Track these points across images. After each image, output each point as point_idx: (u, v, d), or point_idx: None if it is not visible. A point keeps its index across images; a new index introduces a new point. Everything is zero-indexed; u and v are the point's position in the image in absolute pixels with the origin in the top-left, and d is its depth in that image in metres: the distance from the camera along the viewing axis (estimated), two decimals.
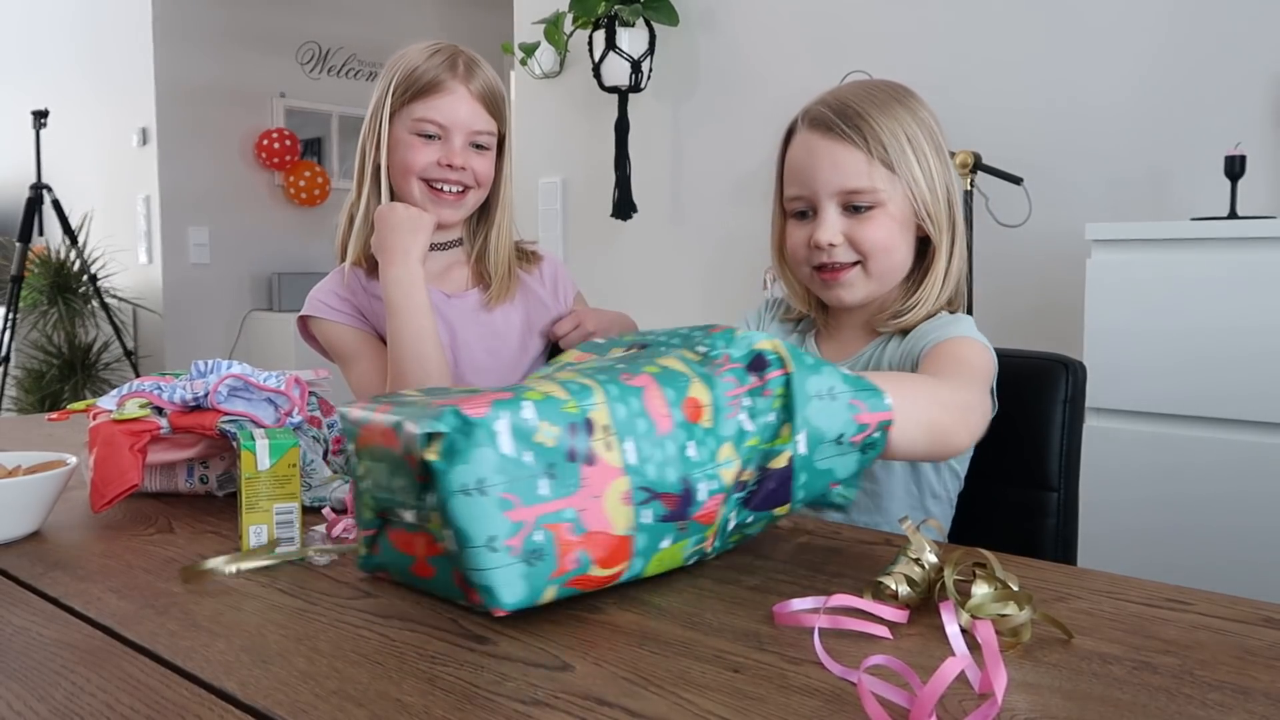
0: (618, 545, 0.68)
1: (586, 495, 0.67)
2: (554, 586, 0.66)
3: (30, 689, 0.57)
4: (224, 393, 0.98)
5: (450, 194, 1.32)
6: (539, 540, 0.65)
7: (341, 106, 4.89)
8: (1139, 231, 1.69)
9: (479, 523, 0.63)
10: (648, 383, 0.71)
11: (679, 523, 0.71)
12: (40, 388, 4.26)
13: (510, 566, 0.64)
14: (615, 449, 0.68)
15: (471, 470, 0.63)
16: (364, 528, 0.75)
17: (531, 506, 0.65)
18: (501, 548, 0.63)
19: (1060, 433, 1.13)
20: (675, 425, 0.71)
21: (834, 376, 0.77)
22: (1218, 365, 1.61)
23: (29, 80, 5.18)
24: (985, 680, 0.55)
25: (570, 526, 0.66)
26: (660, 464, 0.70)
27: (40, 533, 0.91)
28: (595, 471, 0.67)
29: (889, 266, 1.08)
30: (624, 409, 0.69)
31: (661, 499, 0.70)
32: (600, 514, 0.67)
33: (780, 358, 0.76)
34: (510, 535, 0.64)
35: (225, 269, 4.61)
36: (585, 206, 3.13)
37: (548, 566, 0.65)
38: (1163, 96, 2.08)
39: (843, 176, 1.05)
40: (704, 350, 0.77)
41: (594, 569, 0.67)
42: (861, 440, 0.77)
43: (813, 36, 2.62)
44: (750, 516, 0.77)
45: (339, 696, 0.55)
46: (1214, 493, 1.62)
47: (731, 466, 0.73)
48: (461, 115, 1.30)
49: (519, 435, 0.65)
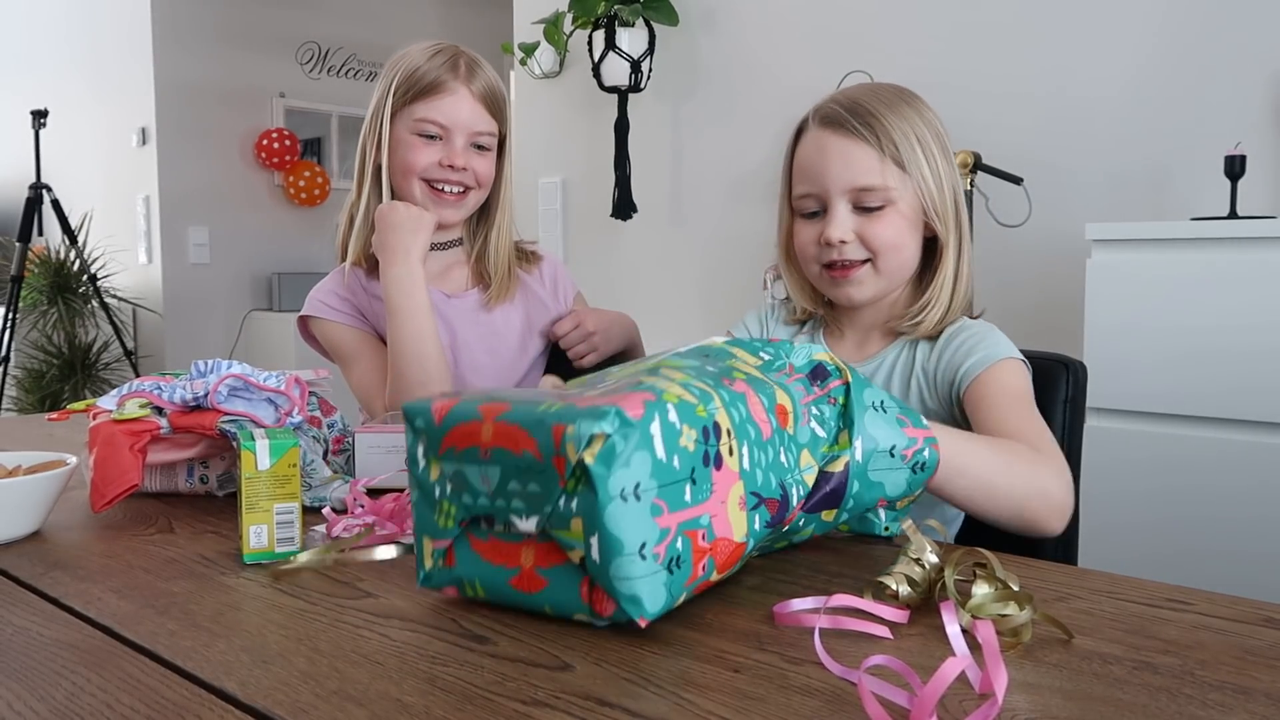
0: (735, 551, 0.68)
1: (716, 501, 0.66)
2: (685, 593, 0.65)
3: (30, 689, 0.57)
4: (224, 393, 0.98)
5: (451, 194, 1.32)
6: (679, 547, 0.64)
7: (341, 106, 4.89)
8: (1139, 231, 1.69)
9: (633, 529, 0.61)
10: (745, 389, 0.72)
11: (777, 529, 0.72)
12: (40, 388, 4.26)
13: (656, 575, 0.62)
14: (735, 454, 0.68)
15: (631, 474, 0.61)
16: (437, 538, 0.69)
17: (676, 513, 0.63)
18: (650, 555, 0.62)
19: (1060, 433, 1.13)
20: (773, 431, 0.72)
21: (880, 392, 0.80)
22: (1218, 365, 1.61)
23: (28, 80, 5.18)
24: (985, 680, 0.55)
25: (704, 533, 0.65)
26: (765, 469, 0.71)
27: (40, 533, 0.91)
28: (721, 476, 0.67)
29: (898, 265, 1.08)
30: (737, 414, 0.69)
31: (766, 504, 0.70)
32: (725, 520, 0.67)
33: (838, 367, 0.79)
34: (659, 542, 0.62)
35: (225, 269, 4.61)
36: (585, 206, 3.13)
37: (684, 574, 0.64)
38: (1163, 96, 2.08)
39: (855, 174, 1.05)
40: (767, 358, 0.79)
41: (715, 575, 0.67)
42: (912, 455, 0.79)
43: (813, 36, 2.62)
44: (802, 519, 0.77)
45: (339, 696, 0.55)
46: (1214, 492, 1.62)
47: (812, 473, 0.75)
48: (463, 116, 1.30)
49: (669, 439, 0.63)
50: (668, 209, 2.96)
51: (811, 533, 0.79)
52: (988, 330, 1.08)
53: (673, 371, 0.70)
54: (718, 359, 0.76)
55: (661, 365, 0.73)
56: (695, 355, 0.77)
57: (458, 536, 0.68)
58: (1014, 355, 1.04)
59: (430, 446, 0.68)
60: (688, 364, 0.73)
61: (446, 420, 0.66)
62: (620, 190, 2.88)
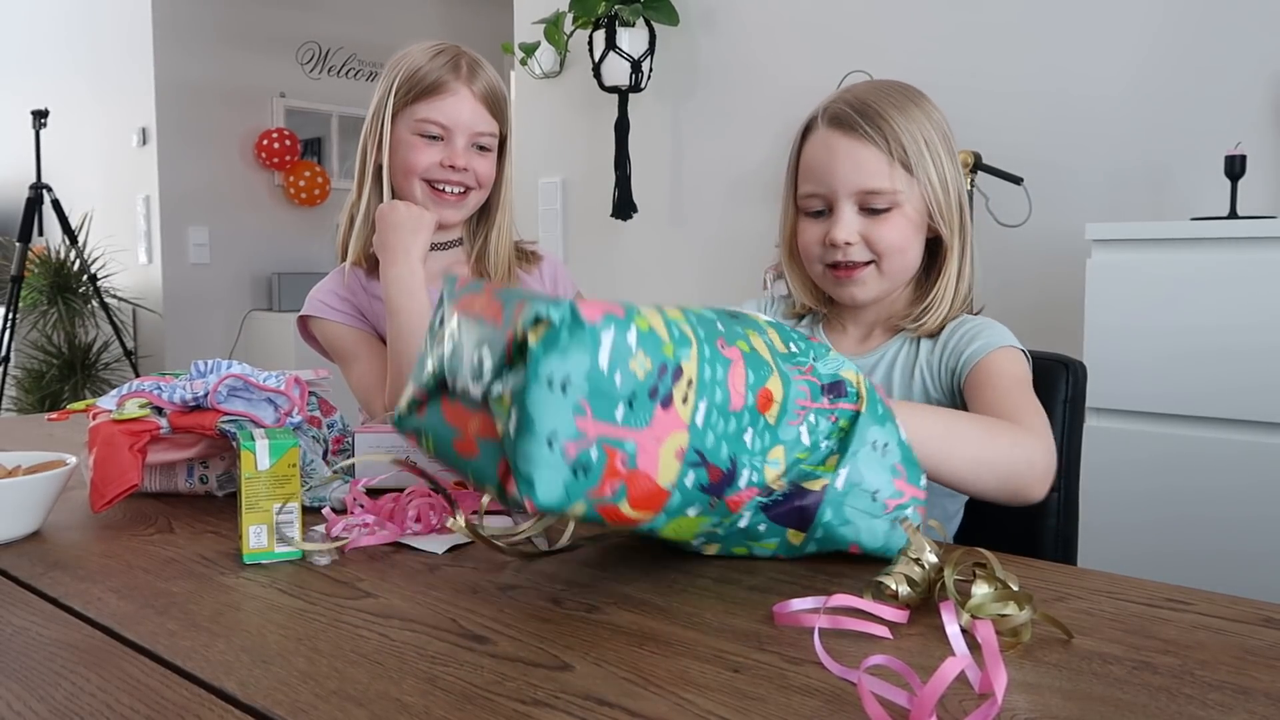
0: (654, 494, 0.68)
1: (650, 436, 0.67)
2: (584, 503, 0.65)
3: (30, 689, 0.57)
4: (224, 393, 0.98)
5: (452, 194, 1.32)
6: (592, 456, 0.65)
7: (341, 106, 4.89)
8: (1139, 231, 1.69)
9: (547, 416, 0.63)
10: (737, 357, 0.72)
11: (712, 498, 0.72)
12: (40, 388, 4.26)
13: (557, 468, 0.63)
14: (690, 405, 0.68)
15: (564, 366, 0.63)
16: (419, 386, 0.74)
17: (600, 424, 0.65)
18: (558, 448, 0.63)
19: (1060, 433, 1.13)
20: (745, 407, 0.72)
21: (892, 434, 0.79)
22: (1218, 365, 1.61)
23: (29, 80, 5.18)
24: (985, 680, 0.55)
25: (624, 458, 0.66)
26: (720, 436, 0.70)
27: (40, 533, 0.91)
28: (665, 417, 0.67)
29: (902, 266, 1.09)
30: (710, 372, 0.70)
31: (708, 469, 0.70)
32: (653, 458, 0.67)
33: (858, 394, 0.78)
34: (570, 439, 0.64)
35: (225, 269, 4.61)
36: (585, 206, 3.13)
37: (588, 483, 0.65)
38: (1163, 96, 2.08)
39: (863, 176, 1.05)
40: (795, 350, 0.78)
41: (625, 505, 0.67)
42: (894, 507, 0.78)
43: (813, 36, 2.62)
44: (763, 524, 0.76)
45: (339, 696, 0.55)
46: (1214, 492, 1.62)
47: (776, 468, 0.74)
48: (464, 116, 1.30)
49: (617, 354, 0.65)
50: (668, 209, 2.96)
51: (775, 548, 0.79)
52: (989, 322, 1.08)
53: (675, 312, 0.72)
54: (738, 325, 0.76)
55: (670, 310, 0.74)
56: (721, 315, 0.77)
57: (433, 392, 0.73)
58: (1013, 344, 1.05)
59: (448, 309, 0.74)
60: (703, 314, 0.75)
61: (464, 289, 0.74)
62: (620, 190, 2.88)
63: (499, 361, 0.66)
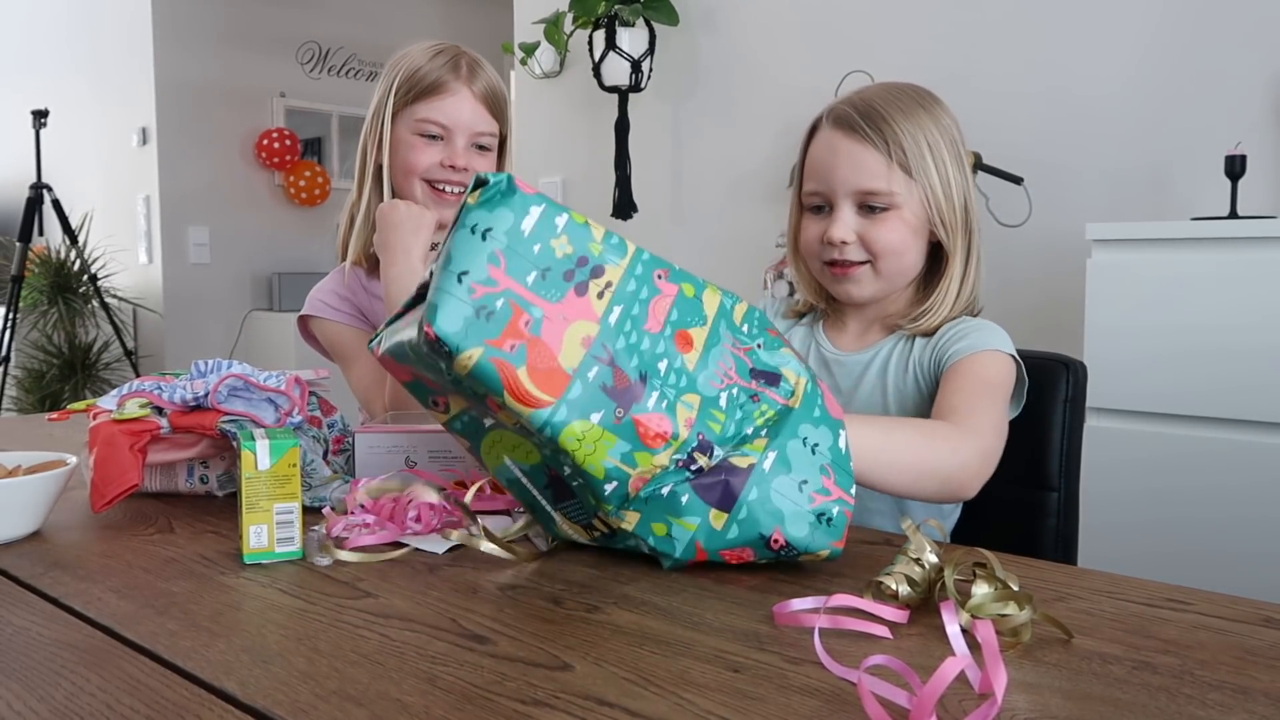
0: (554, 372, 0.69)
1: (557, 311, 0.69)
2: (481, 349, 0.67)
3: (30, 689, 0.57)
4: (224, 393, 0.98)
5: (452, 194, 1.32)
6: (496, 305, 0.68)
7: (341, 106, 4.89)
8: (1139, 231, 1.69)
9: (463, 256, 0.68)
10: (670, 291, 0.74)
11: (617, 408, 0.71)
12: (40, 388, 4.26)
13: (462, 302, 0.67)
14: (605, 302, 0.71)
15: (490, 219, 0.69)
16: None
17: (510, 279, 0.68)
18: (465, 284, 0.67)
19: (1060, 433, 1.13)
20: (660, 335, 0.73)
21: (827, 438, 0.78)
22: (1218, 365, 1.61)
23: (29, 80, 5.19)
24: (985, 680, 0.55)
25: (529, 320, 0.69)
26: (631, 346, 0.72)
27: (40, 533, 0.91)
28: (577, 302, 0.70)
29: (898, 268, 1.09)
30: (633, 286, 0.72)
31: (614, 370, 0.71)
32: (558, 335, 0.69)
33: (793, 392, 0.78)
34: (479, 282, 0.68)
35: (225, 269, 4.61)
36: (585, 206, 3.13)
37: (490, 331, 0.68)
38: (1163, 96, 2.08)
39: (861, 177, 1.06)
40: (746, 330, 0.79)
41: (524, 375, 0.68)
42: (820, 502, 0.76)
43: (813, 36, 2.62)
44: (686, 495, 0.74)
45: (339, 696, 0.55)
46: (1214, 492, 1.62)
47: (689, 410, 0.73)
48: (464, 116, 1.31)
49: (542, 227, 0.70)
50: (668, 209, 2.96)
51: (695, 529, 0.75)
52: (984, 324, 1.08)
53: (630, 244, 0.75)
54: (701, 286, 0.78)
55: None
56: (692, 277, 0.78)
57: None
58: (1001, 349, 1.04)
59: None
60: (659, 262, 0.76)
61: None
62: (620, 190, 2.88)
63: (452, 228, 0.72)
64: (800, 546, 0.76)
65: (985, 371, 1.02)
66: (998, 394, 1.01)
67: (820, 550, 0.76)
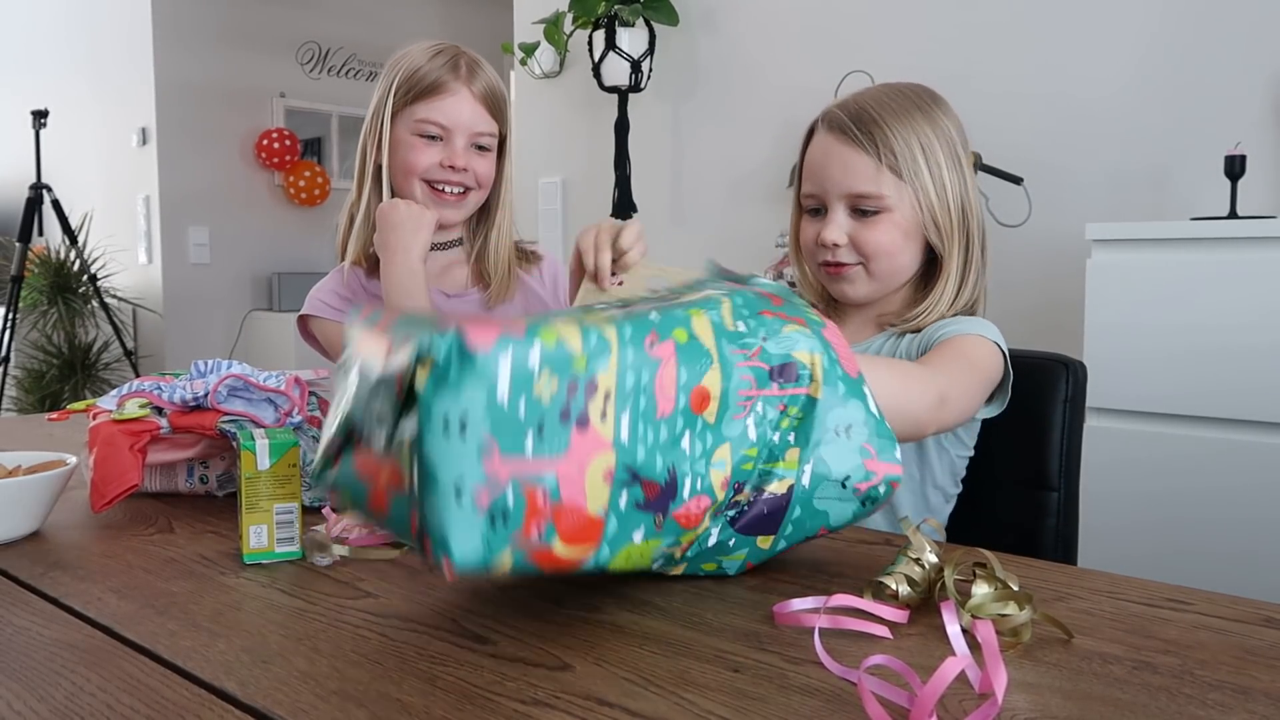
0: (588, 524, 0.61)
1: (570, 462, 0.60)
2: (511, 552, 0.59)
3: (30, 689, 0.57)
4: (224, 393, 0.98)
5: (452, 194, 1.32)
6: (508, 500, 0.58)
7: (341, 106, 4.89)
8: (1139, 231, 1.69)
9: (450, 464, 0.56)
10: (668, 355, 0.65)
11: (655, 515, 0.65)
12: (40, 388, 4.26)
13: (472, 521, 0.57)
14: (610, 420, 0.62)
15: (458, 405, 0.56)
16: (332, 439, 0.67)
17: (511, 460, 0.58)
18: (467, 497, 0.57)
19: (1060, 433, 1.13)
20: (676, 410, 0.65)
21: (857, 412, 0.73)
22: (1218, 365, 1.61)
23: (29, 80, 5.19)
24: (985, 680, 0.55)
25: (546, 492, 0.59)
26: (651, 448, 0.64)
27: (40, 533, 0.91)
28: (585, 440, 0.61)
29: (890, 270, 1.09)
30: (633, 378, 0.63)
31: (642, 485, 0.64)
32: (579, 487, 0.61)
33: (812, 376, 0.72)
34: (479, 485, 0.57)
35: (225, 269, 4.61)
36: (585, 206, 3.13)
37: (510, 530, 0.58)
38: (1163, 96, 2.08)
39: (851, 180, 1.07)
40: (743, 329, 0.71)
41: (558, 544, 0.60)
42: (866, 489, 0.74)
43: (813, 36, 2.62)
44: (733, 539, 0.72)
45: (339, 696, 0.55)
46: (1214, 492, 1.62)
47: (723, 470, 0.68)
48: (464, 117, 1.31)
49: (518, 381, 0.58)
50: (668, 209, 2.96)
51: (744, 559, 0.74)
52: (975, 319, 1.08)
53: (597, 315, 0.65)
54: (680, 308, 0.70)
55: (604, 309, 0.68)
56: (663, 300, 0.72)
57: (344, 443, 0.66)
58: (987, 335, 1.04)
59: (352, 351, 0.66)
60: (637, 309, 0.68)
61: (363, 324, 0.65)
62: (620, 190, 2.88)
63: (394, 408, 0.59)
64: (844, 526, 0.75)
65: (968, 348, 1.02)
66: (976, 367, 1.01)
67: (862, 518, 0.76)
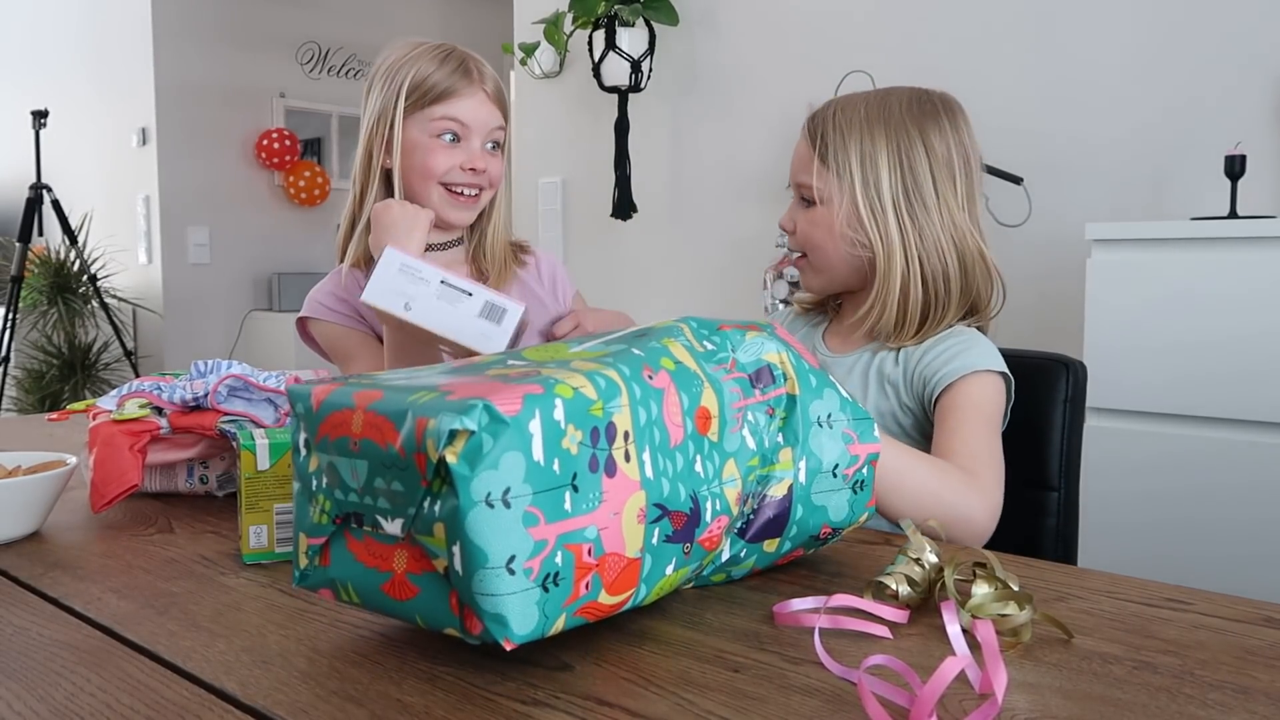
0: (628, 568, 0.60)
1: (607, 512, 0.58)
2: (565, 615, 0.58)
3: (30, 689, 0.57)
4: (224, 393, 0.98)
5: (467, 196, 1.32)
6: (558, 563, 0.56)
7: (341, 106, 4.90)
8: (1139, 231, 1.69)
9: (500, 540, 0.54)
10: (667, 384, 0.64)
11: (684, 545, 0.64)
12: (40, 388, 4.26)
13: (527, 592, 0.55)
14: (634, 460, 0.60)
15: (500, 478, 0.54)
16: (311, 535, 0.63)
17: (556, 523, 0.56)
18: (520, 570, 0.55)
19: (1060, 433, 1.13)
20: (686, 436, 0.65)
21: (833, 400, 0.75)
22: (1218, 365, 1.61)
23: (29, 80, 5.19)
24: (985, 680, 0.55)
25: (590, 548, 0.58)
26: (673, 479, 0.63)
27: (40, 533, 0.91)
28: (616, 485, 0.59)
29: (824, 264, 1.12)
30: (644, 414, 0.62)
31: (671, 517, 0.63)
32: (618, 534, 0.59)
33: (785, 375, 0.73)
34: (531, 556, 0.55)
35: (225, 269, 4.61)
36: (585, 206, 3.13)
37: (563, 593, 0.57)
38: (1163, 96, 2.08)
39: (796, 168, 1.13)
40: (711, 348, 0.71)
41: (603, 595, 0.59)
42: (853, 473, 0.74)
43: (812, 36, 2.62)
44: (743, 550, 0.72)
45: (339, 696, 0.55)
46: (1214, 492, 1.62)
47: (734, 486, 0.68)
48: (482, 116, 1.32)
49: (550, 437, 0.56)
50: (668, 209, 2.96)
51: (753, 565, 0.74)
52: (974, 340, 1.07)
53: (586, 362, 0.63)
54: (654, 338, 0.69)
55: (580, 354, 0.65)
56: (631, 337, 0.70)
57: (333, 534, 0.62)
58: (993, 368, 1.04)
59: (310, 435, 0.62)
60: (614, 348, 0.66)
61: (323, 407, 0.61)
62: (620, 190, 2.88)
63: (416, 490, 0.56)
64: (844, 526, 0.76)
65: (980, 400, 1.03)
66: (994, 426, 1.02)
67: (860, 517, 0.76)
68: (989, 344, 1.07)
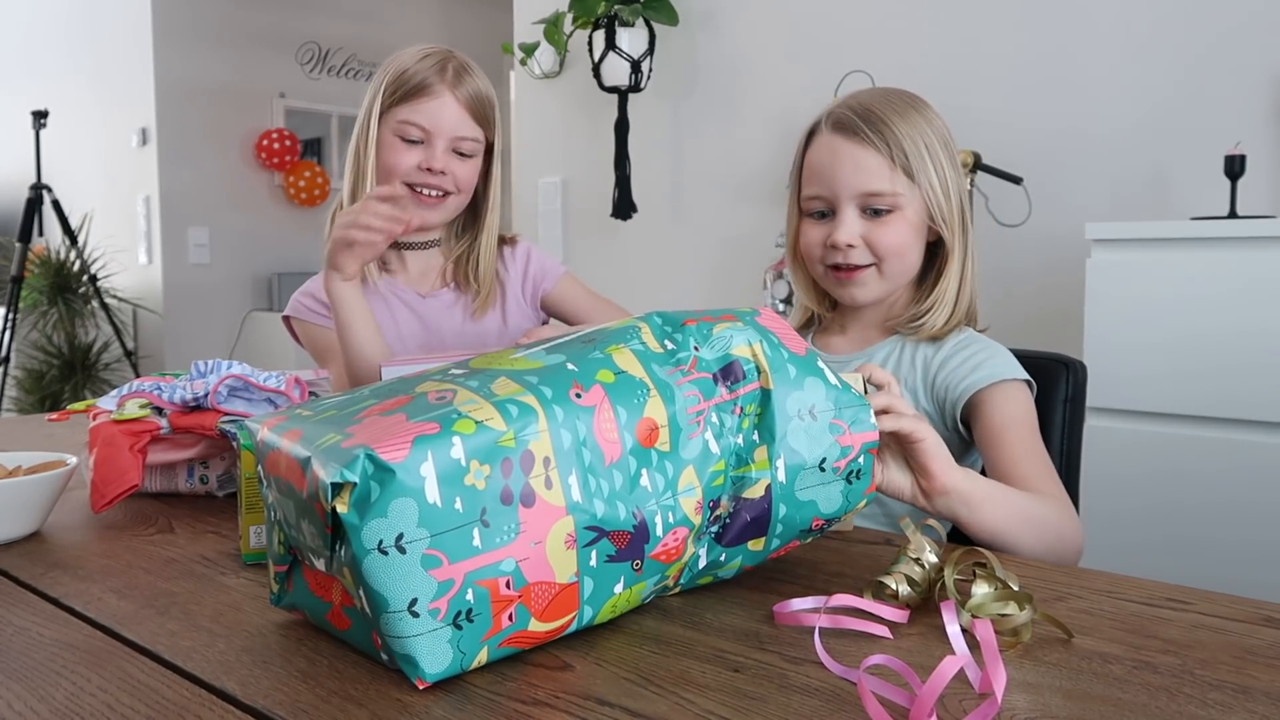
0: (561, 595, 0.59)
1: (527, 542, 0.58)
2: (486, 648, 0.57)
3: (30, 689, 0.57)
4: (224, 393, 0.98)
5: (431, 197, 1.32)
6: (469, 600, 0.56)
7: (341, 106, 4.89)
8: (1139, 231, 1.69)
9: (398, 585, 0.54)
10: (599, 400, 0.62)
11: (633, 562, 0.63)
12: (40, 388, 4.26)
13: (435, 633, 0.55)
14: (557, 485, 0.59)
15: (389, 525, 0.54)
16: (276, 563, 0.65)
17: (461, 562, 0.55)
18: (425, 612, 0.54)
19: (1060, 433, 1.13)
20: (625, 452, 0.62)
21: (817, 390, 0.71)
22: (1218, 365, 1.61)
23: (29, 80, 5.19)
24: (985, 680, 0.55)
25: (508, 580, 0.57)
26: (610, 498, 0.61)
27: (40, 533, 0.91)
28: (534, 514, 0.58)
29: (901, 269, 1.10)
30: (569, 436, 0.60)
31: (610, 537, 0.61)
32: (542, 562, 0.58)
33: (758, 368, 0.70)
34: (435, 597, 0.55)
35: (225, 269, 4.61)
36: (585, 206, 3.13)
37: (480, 628, 0.56)
38: (1163, 96, 2.08)
39: (865, 179, 1.07)
40: (671, 347, 0.69)
41: (533, 624, 0.59)
42: (845, 465, 0.71)
43: (813, 36, 2.62)
44: (723, 554, 0.70)
45: (339, 696, 0.55)
46: (1214, 492, 1.61)
47: (693, 495, 0.66)
48: (444, 121, 1.29)
49: (447, 479, 0.55)
50: (668, 209, 2.96)
51: (740, 565, 0.72)
52: (992, 347, 1.08)
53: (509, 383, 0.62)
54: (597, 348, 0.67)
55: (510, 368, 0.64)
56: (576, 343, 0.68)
57: (291, 563, 0.64)
58: (1020, 377, 1.05)
59: (263, 467, 0.63)
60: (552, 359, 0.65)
61: (263, 444, 0.62)
62: (620, 190, 2.88)
63: (324, 534, 0.57)
64: (838, 515, 0.73)
65: (1024, 416, 1.03)
66: (1040, 438, 1.03)
67: (857, 505, 0.74)
68: (1006, 350, 1.08)
